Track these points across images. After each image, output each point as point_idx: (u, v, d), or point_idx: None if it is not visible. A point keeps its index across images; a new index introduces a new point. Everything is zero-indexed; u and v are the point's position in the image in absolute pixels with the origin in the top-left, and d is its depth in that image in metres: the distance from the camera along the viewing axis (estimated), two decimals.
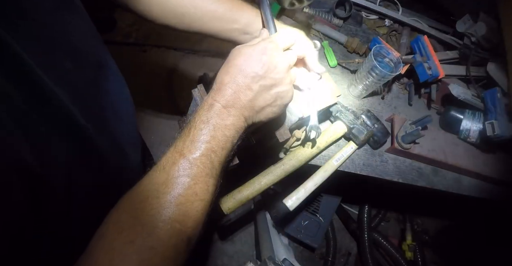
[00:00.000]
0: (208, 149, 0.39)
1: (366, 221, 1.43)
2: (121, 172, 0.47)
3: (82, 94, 0.38)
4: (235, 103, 0.42)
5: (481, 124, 0.85)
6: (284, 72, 0.45)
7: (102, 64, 0.45)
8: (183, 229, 0.35)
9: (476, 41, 0.94)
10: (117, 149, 0.46)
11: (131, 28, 1.91)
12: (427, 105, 0.98)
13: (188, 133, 0.40)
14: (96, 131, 0.38)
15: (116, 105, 0.48)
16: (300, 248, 1.59)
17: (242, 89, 0.42)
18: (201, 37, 1.97)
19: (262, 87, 0.43)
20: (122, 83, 0.52)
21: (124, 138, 0.49)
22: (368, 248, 1.38)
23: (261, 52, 0.43)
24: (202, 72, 1.84)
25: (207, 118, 0.40)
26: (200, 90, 0.56)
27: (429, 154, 0.84)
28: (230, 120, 0.41)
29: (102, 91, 0.44)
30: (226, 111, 0.41)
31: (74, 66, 0.37)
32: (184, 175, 0.37)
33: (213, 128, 0.40)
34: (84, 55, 0.41)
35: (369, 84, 0.81)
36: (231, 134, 0.41)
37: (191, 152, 0.38)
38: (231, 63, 0.43)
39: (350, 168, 0.80)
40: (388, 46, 0.86)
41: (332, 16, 0.98)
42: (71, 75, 0.37)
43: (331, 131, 0.75)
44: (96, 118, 0.40)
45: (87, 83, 0.41)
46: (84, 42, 0.41)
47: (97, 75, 0.43)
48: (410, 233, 1.55)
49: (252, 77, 0.42)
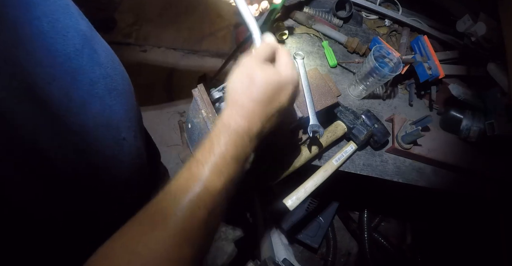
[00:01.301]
0: (227, 183, 0.37)
1: (366, 221, 1.43)
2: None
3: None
4: (259, 134, 0.42)
5: (481, 124, 0.85)
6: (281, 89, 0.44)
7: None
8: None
9: (476, 41, 0.94)
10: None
11: (131, 28, 1.91)
12: (428, 106, 0.98)
13: (208, 158, 0.37)
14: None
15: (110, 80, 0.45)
16: (300, 248, 1.59)
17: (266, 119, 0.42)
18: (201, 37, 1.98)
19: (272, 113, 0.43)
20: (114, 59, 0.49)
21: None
22: (368, 248, 1.38)
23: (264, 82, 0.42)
24: (202, 72, 1.85)
25: (235, 148, 0.39)
26: (200, 90, 0.56)
27: (429, 154, 0.84)
28: (249, 150, 0.41)
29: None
30: (250, 143, 0.41)
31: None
32: (200, 207, 0.34)
33: (237, 161, 0.39)
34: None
35: (369, 84, 0.81)
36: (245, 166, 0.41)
37: (213, 182, 0.36)
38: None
39: (350, 168, 0.80)
40: (388, 46, 0.86)
41: (332, 16, 0.98)
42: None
43: (331, 132, 0.75)
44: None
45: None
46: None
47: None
48: (410, 233, 1.55)
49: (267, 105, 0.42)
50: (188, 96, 1.82)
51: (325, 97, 0.70)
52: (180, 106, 1.79)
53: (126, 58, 1.80)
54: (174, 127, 1.71)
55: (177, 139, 1.69)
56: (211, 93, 0.55)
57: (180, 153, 0.79)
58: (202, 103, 0.54)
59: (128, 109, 0.49)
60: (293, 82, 0.44)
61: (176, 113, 1.76)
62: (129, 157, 0.48)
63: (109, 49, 0.48)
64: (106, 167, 0.42)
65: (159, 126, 1.71)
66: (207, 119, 0.53)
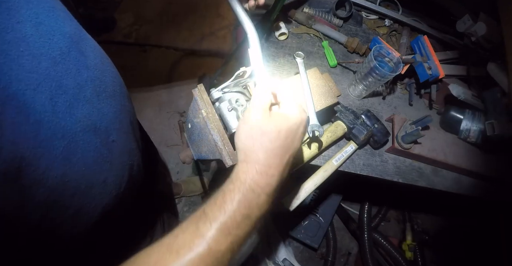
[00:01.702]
0: (233, 243, 0.36)
1: (366, 221, 1.43)
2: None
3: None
4: (278, 186, 0.41)
5: (481, 124, 0.85)
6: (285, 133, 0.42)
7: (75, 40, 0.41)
8: None
9: (476, 41, 0.94)
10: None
11: (131, 28, 1.92)
12: (427, 105, 0.98)
13: (217, 216, 0.36)
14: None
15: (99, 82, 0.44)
16: (300, 248, 1.59)
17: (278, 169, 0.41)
18: (201, 37, 1.98)
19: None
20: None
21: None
22: (368, 248, 1.38)
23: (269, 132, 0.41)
24: (202, 72, 1.85)
25: (248, 206, 0.37)
26: (200, 90, 0.56)
27: (429, 154, 0.84)
28: (265, 208, 0.39)
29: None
30: (267, 200, 0.39)
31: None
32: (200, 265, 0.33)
33: (249, 221, 0.37)
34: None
35: (369, 84, 0.81)
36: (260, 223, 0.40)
37: (219, 242, 0.35)
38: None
39: (350, 168, 0.80)
40: (388, 46, 0.86)
41: (332, 16, 0.98)
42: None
43: (331, 132, 0.75)
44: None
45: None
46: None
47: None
48: (410, 233, 1.55)
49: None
50: (188, 96, 1.82)
51: (325, 97, 0.70)
52: (180, 106, 1.79)
53: (126, 58, 1.80)
54: (174, 127, 1.71)
55: (177, 138, 1.69)
56: (211, 93, 0.55)
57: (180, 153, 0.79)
58: (202, 103, 0.54)
59: (118, 110, 0.48)
60: (302, 122, 0.43)
61: (176, 113, 1.76)
62: (120, 158, 0.47)
63: (99, 50, 0.47)
64: (93, 172, 0.41)
65: (159, 126, 1.71)
66: (207, 119, 0.53)
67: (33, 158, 0.32)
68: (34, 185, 0.33)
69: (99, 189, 0.43)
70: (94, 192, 0.42)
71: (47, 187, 0.34)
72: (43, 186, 0.34)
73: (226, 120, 0.53)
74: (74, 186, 0.38)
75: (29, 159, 0.32)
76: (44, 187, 0.34)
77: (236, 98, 0.54)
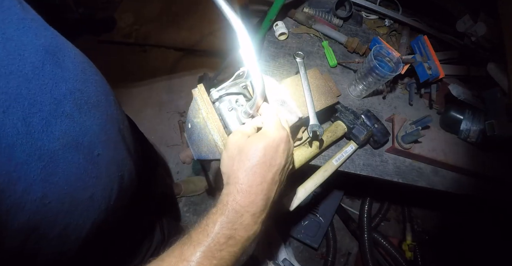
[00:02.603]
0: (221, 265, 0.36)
1: (366, 221, 1.43)
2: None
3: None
4: (265, 205, 0.40)
5: (481, 124, 0.85)
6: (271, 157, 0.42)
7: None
8: None
9: (476, 41, 0.94)
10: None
11: (131, 28, 1.91)
12: (427, 105, 0.98)
13: (201, 240, 0.36)
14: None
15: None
16: (300, 248, 1.59)
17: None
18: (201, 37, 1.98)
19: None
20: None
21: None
22: (368, 248, 1.38)
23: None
24: (202, 72, 1.85)
25: (230, 231, 0.37)
26: (200, 90, 0.56)
27: (429, 154, 0.84)
28: (253, 228, 0.39)
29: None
30: (253, 220, 0.39)
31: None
32: None
33: (233, 242, 0.37)
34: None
35: (369, 84, 0.81)
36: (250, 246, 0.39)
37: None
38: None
39: (350, 168, 0.80)
40: (388, 46, 0.86)
41: (332, 16, 0.98)
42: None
43: (331, 131, 0.75)
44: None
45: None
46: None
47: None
48: (410, 233, 1.55)
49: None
50: (188, 96, 1.82)
51: (325, 97, 0.70)
52: (180, 106, 1.79)
53: (126, 58, 1.80)
54: (174, 127, 1.71)
55: (177, 138, 1.69)
56: (211, 93, 0.55)
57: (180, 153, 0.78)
58: (202, 103, 0.54)
59: (104, 121, 0.46)
60: (282, 139, 0.42)
61: (176, 113, 1.76)
62: (107, 172, 0.45)
63: (80, 58, 0.44)
64: (77, 190, 0.39)
65: (159, 126, 1.71)
66: (207, 119, 0.53)
67: (8, 183, 0.31)
68: (11, 210, 0.31)
69: (85, 205, 0.41)
70: (81, 209, 0.40)
71: (26, 211, 0.33)
72: (22, 210, 0.32)
73: (226, 120, 0.53)
74: (57, 206, 0.36)
75: (4, 184, 0.30)
76: (23, 211, 0.32)
77: (236, 98, 0.54)
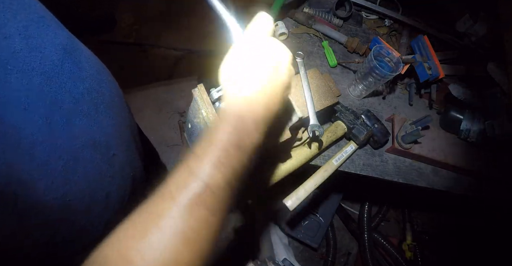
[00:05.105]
0: (231, 174, 0.33)
1: (366, 221, 1.43)
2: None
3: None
4: (265, 117, 0.36)
5: (481, 124, 0.85)
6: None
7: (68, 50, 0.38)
8: None
9: (476, 41, 0.94)
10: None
11: (131, 28, 1.91)
12: (427, 105, 0.98)
13: (207, 151, 0.32)
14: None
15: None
16: (300, 248, 1.59)
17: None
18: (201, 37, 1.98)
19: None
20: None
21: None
22: (368, 248, 1.38)
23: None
24: (202, 72, 1.85)
25: (237, 139, 0.33)
26: (200, 90, 0.56)
27: (429, 154, 0.84)
28: (256, 136, 0.35)
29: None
30: (256, 128, 0.35)
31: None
32: (200, 206, 0.30)
33: (240, 150, 0.33)
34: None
35: (369, 84, 0.81)
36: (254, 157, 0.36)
37: (214, 177, 0.31)
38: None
39: (350, 168, 0.80)
40: (388, 46, 0.86)
41: (332, 16, 0.98)
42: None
43: (331, 132, 0.75)
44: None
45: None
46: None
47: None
48: (410, 233, 1.55)
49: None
50: (188, 96, 1.82)
51: (325, 97, 0.70)
52: (180, 106, 1.79)
53: (126, 58, 1.80)
54: (174, 127, 1.71)
55: (177, 139, 1.69)
56: (211, 93, 0.55)
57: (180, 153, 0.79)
58: (202, 103, 0.54)
59: (118, 122, 0.46)
60: (285, 54, 0.38)
61: (176, 113, 1.76)
62: (122, 172, 0.45)
63: (94, 59, 0.44)
64: (95, 189, 0.39)
65: (159, 126, 1.71)
66: (207, 119, 0.53)
67: (30, 181, 0.31)
68: (33, 208, 0.31)
69: (101, 206, 0.41)
70: (97, 209, 0.41)
71: (48, 208, 0.33)
72: (43, 208, 0.32)
73: None
74: (76, 206, 0.37)
75: (26, 182, 0.30)
76: (45, 208, 0.33)
77: None
